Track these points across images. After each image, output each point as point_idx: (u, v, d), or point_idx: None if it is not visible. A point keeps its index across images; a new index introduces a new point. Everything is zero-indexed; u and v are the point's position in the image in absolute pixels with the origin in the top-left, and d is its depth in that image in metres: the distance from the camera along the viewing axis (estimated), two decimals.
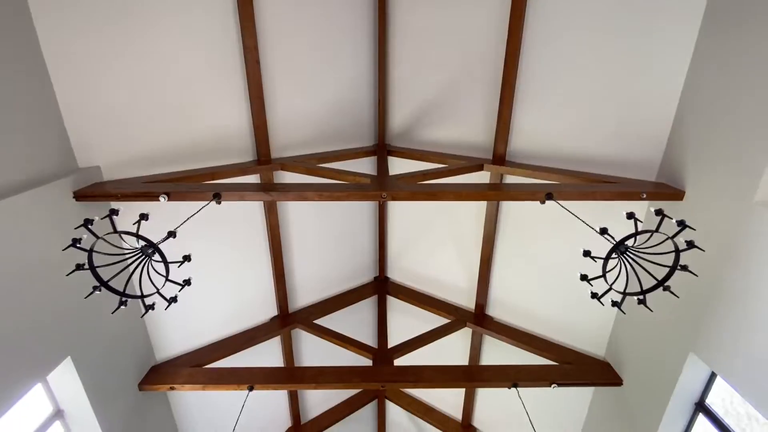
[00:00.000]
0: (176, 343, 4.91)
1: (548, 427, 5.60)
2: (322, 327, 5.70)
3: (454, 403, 6.77)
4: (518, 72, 4.37)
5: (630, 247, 2.30)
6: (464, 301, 6.03)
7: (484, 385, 4.61)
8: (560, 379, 4.50)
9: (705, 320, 3.38)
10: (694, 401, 3.80)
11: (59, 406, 3.74)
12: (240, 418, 5.72)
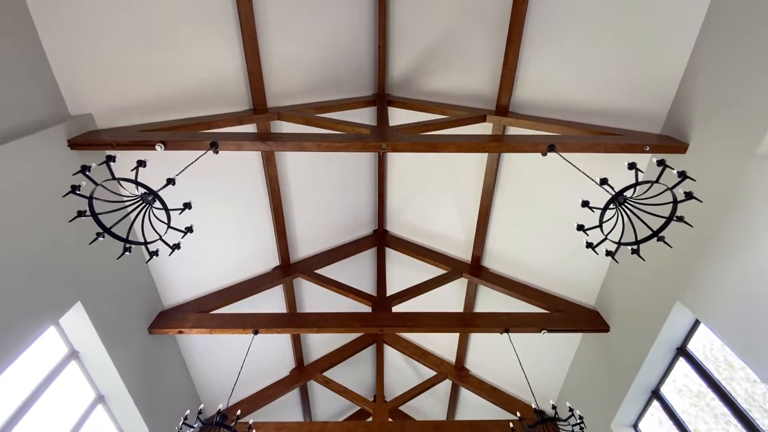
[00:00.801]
0: (182, 290, 5.08)
1: (536, 370, 5.98)
2: (322, 276, 5.87)
3: (448, 348, 7.16)
4: (526, 16, 4.13)
5: (628, 198, 2.31)
6: (461, 253, 6.17)
7: (477, 330, 4.83)
8: (550, 326, 4.72)
9: (694, 271, 3.49)
10: (676, 346, 4.03)
11: (74, 348, 3.95)
12: (246, 360, 6.08)
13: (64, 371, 3.82)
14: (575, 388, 5.56)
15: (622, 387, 4.48)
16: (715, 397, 3.82)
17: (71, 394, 4.02)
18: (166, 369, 5.08)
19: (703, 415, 4.20)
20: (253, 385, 6.58)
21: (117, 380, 4.15)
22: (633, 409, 4.59)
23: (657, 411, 4.58)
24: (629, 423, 4.71)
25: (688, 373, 4.23)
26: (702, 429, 4.04)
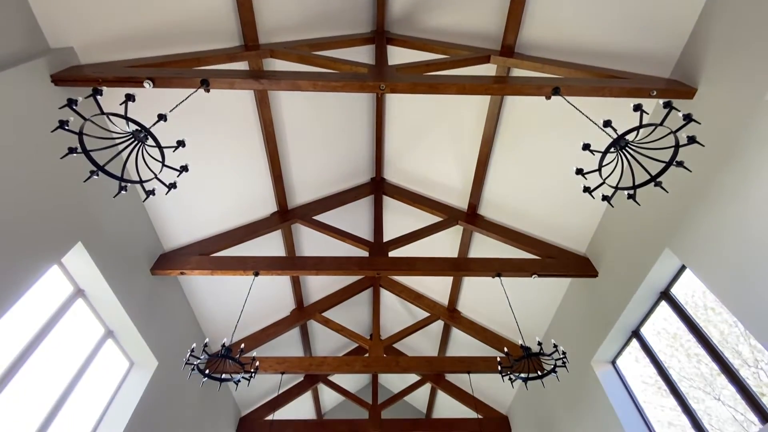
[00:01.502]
0: (181, 233, 5.14)
1: (524, 312, 6.29)
2: (320, 222, 5.94)
3: (442, 291, 7.46)
4: None
5: (630, 142, 2.28)
6: (457, 201, 6.20)
7: (470, 274, 5.00)
8: (541, 271, 4.89)
9: (685, 219, 3.55)
10: (660, 290, 4.21)
11: (79, 287, 4.07)
12: (248, 303, 6.32)
13: (72, 308, 3.98)
14: (560, 328, 5.89)
15: (605, 327, 4.75)
16: (690, 339, 4.07)
17: (82, 330, 4.22)
18: (171, 308, 5.29)
19: (678, 355, 4.50)
20: (255, 324, 6.91)
21: (124, 317, 4.34)
22: (613, 348, 4.90)
23: (634, 350, 4.90)
24: (608, 359, 5.06)
25: (668, 317, 4.47)
26: (675, 366, 4.35)
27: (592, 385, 5.02)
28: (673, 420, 4.43)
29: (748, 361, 3.63)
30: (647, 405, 4.59)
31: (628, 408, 4.61)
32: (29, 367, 3.45)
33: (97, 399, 4.43)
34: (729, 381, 3.50)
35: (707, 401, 4.08)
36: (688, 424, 4.00)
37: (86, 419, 4.24)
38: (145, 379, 4.76)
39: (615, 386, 4.82)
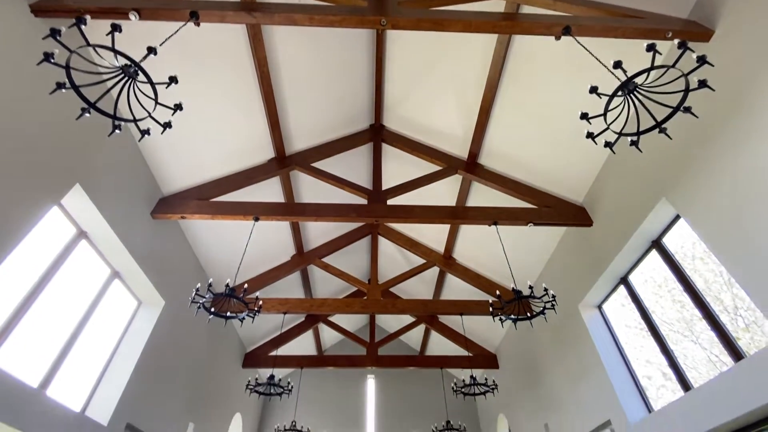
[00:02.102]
0: (179, 178, 5.12)
1: (518, 259, 6.48)
2: (319, 169, 5.89)
3: (438, 240, 7.61)
4: None
5: (639, 86, 2.20)
6: (458, 150, 6.11)
7: (467, 222, 5.08)
8: (537, 220, 4.96)
9: (684, 168, 3.53)
10: (652, 239, 4.31)
11: (81, 228, 4.13)
12: (250, 248, 6.45)
13: (77, 249, 4.07)
14: (551, 274, 6.10)
15: (594, 274, 4.93)
16: (676, 286, 4.25)
17: (89, 271, 4.34)
18: (174, 251, 5.41)
19: (662, 301, 4.71)
20: (257, 268, 7.12)
21: (128, 258, 4.45)
22: (600, 293, 5.12)
23: (621, 297, 5.13)
24: (595, 304, 5.31)
25: (656, 266, 4.63)
26: (658, 312, 4.58)
27: (577, 327, 5.31)
28: (650, 359, 4.75)
29: (728, 308, 3.81)
30: (627, 346, 4.90)
31: (609, 348, 4.91)
32: (41, 304, 3.60)
33: (109, 336, 4.68)
34: (708, 325, 3.71)
35: (685, 343, 4.34)
36: (665, 363, 4.29)
37: (100, 355, 4.52)
38: (154, 317, 5.00)
39: (599, 328, 5.11)
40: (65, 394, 3.83)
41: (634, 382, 4.61)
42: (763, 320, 3.45)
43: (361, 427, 10.22)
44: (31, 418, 3.24)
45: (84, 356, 4.19)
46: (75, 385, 4.08)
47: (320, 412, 10.26)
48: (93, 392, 4.29)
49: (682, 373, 4.04)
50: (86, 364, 4.28)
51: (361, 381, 11.04)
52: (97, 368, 4.44)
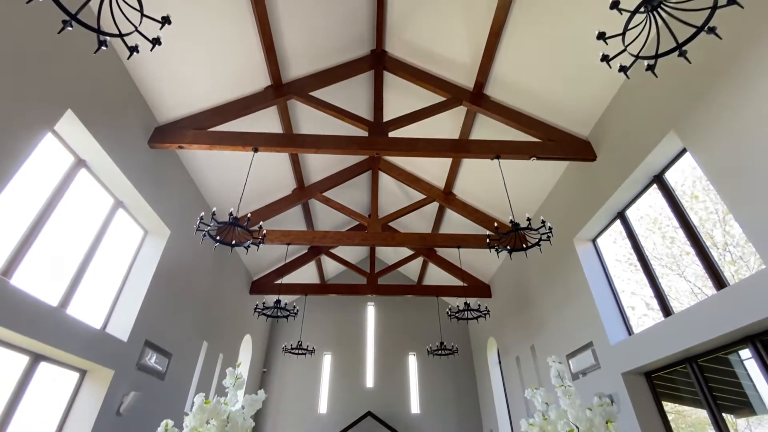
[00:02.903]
0: (173, 106, 4.94)
1: (518, 194, 6.51)
2: (317, 99, 5.67)
3: (439, 175, 7.58)
4: None
5: (663, 1, 2.03)
6: (464, 79, 5.82)
7: (470, 156, 5.01)
8: (540, 154, 4.89)
9: (697, 99, 3.40)
10: (654, 174, 4.29)
11: (79, 157, 4.08)
12: (250, 181, 6.44)
13: (78, 178, 4.06)
14: (550, 208, 6.18)
15: (592, 208, 4.99)
16: (670, 223, 4.34)
17: (92, 201, 4.38)
18: (175, 181, 5.42)
19: (654, 237, 4.84)
20: (259, 201, 7.18)
21: (130, 188, 4.47)
22: (596, 227, 5.23)
23: (615, 232, 5.25)
24: (589, 238, 5.45)
25: (653, 204, 4.68)
26: (649, 247, 4.72)
27: (570, 259, 5.51)
28: (636, 291, 5.01)
29: (717, 245, 3.93)
30: (616, 279, 5.13)
31: (599, 278, 5.15)
32: (51, 230, 3.69)
33: (120, 263, 4.86)
34: (698, 257, 3.84)
35: (671, 276, 4.55)
36: (650, 295, 4.53)
37: (113, 280, 4.74)
38: (160, 246, 5.16)
39: (591, 261, 5.30)
40: (84, 314, 4.08)
41: (619, 310, 4.90)
42: (749, 256, 3.58)
43: (362, 348, 11.10)
44: (55, 333, 3.49)
45: (98, 280, 4.40)
46: (93, 306, 4.34)
47: (324, 335, 11.07)
48: (110, 313, 4.57)
49: (665, 301, 4.28)
50: (101, 287, 4.51)
51: (361, 308, 11.75)
52: (112, 292, 4.69)
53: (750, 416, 3.53)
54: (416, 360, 10.93)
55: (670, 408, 4.27)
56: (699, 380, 3.77)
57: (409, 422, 9.95)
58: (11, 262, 3.28)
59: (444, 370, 10.68)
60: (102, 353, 4.06)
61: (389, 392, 10.35)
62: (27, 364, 3.52)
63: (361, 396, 10.26)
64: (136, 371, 4.61)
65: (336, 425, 9.70)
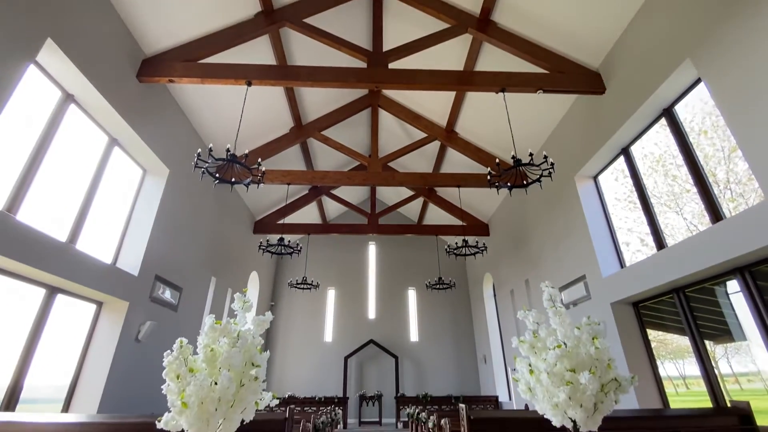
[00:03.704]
0: (160, 36, 4.63)
1: (522, 129, 6.34)
2: (312, 26, 5.29)
3: (441, 112, 7.34)
4: None
5: None
6: (469, 3, 5.37)
7: (474, 89, 4.80)
8: (548, 86, 4.68)
9: (716, 26, 3.17)
10: (664, 107, 4.14)
11: (66, 91, 3.91)
12: (246, 119, 6.24)
13: (69, 114, 3.94)
14: (553, 145, 6.06)
15: (597, 144, 4.89)
16: (674, 161, 4.28)
17: (87, 139, 4.29)
18: (169, 118, 5.26)
19: (656, 176, 4.80)
20: (256, 140, 7.03)
21: (123, 124, 4.35)
22: (598, 164, 5.17)
23: (617, 171, 5.19)
24: (591, 175, 5.41)
25: (658, 141, 4.57)
26: (650, 185, 4.70)
27: (570, 196, 5.53)
28: (633, 228, 5.09)
29: (720, 182, 3.92)
30: (613, 216, 5.18)
31: (597, 214, 5.20)
32: (50, 167, 3.66)
33: (123, 202, 4.89)
34: (699, 194, 3.84)
35: (669, 214, 4.59)
36: (645, 232, 4.61)
37: (118, 218, 4.79)
38: (161, 185, 5.15)
39: (591, 198, 5.31)
40: (94, 250, 4.20)
41: (614, 245, 5.02)
42: (750, 193, 3.57)
43: (364, 283, 11.60)
44: (67, 267, 3.62)
45: (103, 218, 4.46)
46: (101, 243, 4.44)
47: (327, 272, 11.52)
48: (119, 249, 4.70)
49: (660, 237, 4.36)
50: (107, 225, 4.58)
51: (363, 247, 12.08)
52: (118, 230, 4.78)
53: (729, 343, 3.78)
54: (415, 294, 11.49)
55: (653, 336, 4.55)
56: (684, 309, 3.97)
57: (409, 349, 10.72)
58: (14, 198, 3.30)
59: (441, 303, 11.27)
60: (115, 286, 4.24)
61: (390, 323, 11.02)
62: (44, 297, 3.70)
63: (363, 326, 10.94)
64: (150, 303, 4.85)
65: (341, 351, 10.47)
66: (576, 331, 1.78)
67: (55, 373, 3.90)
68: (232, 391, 1.61)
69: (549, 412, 1.72)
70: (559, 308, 1.81)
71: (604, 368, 1.70)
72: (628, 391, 1.70)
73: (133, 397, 4.42)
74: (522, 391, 1.85)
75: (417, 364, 10.57)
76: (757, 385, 3.56)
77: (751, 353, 3.51)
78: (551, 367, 1.71)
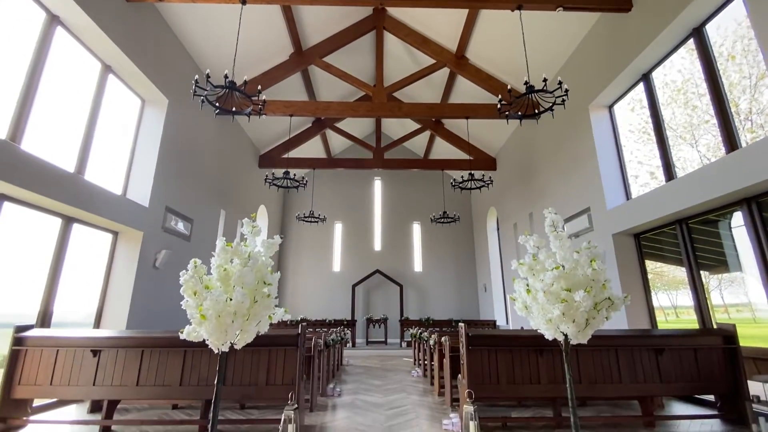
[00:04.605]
0: None
1: (537, 54, 5.91)
2: None
3: (450, 36, 6.82)
4: None
5: None
6: None
7: (488, 6, 4.40)
8: (569, 2, 4.28)
9: None
10: (694, 26, 3.80)
11: (51, 11, 3.66)
12: (243, 44, 5.86)
13: (57, 38, 3.72)
14: (569, 72, 5.71)
15: (616, 69, 4.59)
16: (695, 90, 4.04)
17: (79, 66, 4.11)
18: (161, 43, 4.97)
19: (674, 106, 4.57)
20: (255, 69, 6.70)
21: (114, 49, 4.13)
22: (616, 92, 4.90)
23: (633, 100, 4.94)
24: (606, 104, 5.17)
25: (681, 69, 4.28)
26: (667, 116, 4.49)
27: (582, 127, 5.34)
28: (643, 161, 4.98)
29: (741, 113, 3.73)
30: (625, 149, 5.03)
31: (608, 145, 5.06)
32: (45, 100, 3.56)
33: (125, 135, 4.83)
34: (718, 123, 3.68)
35: (682, 146, 4.46)
36: (657, 165, 4.51)
37: (121, 153, 4.77)
38: (161, 116, 5.04)
39: (604, 128, 5.13)
40: (102, 181, 4.24)
41: (622, 177, 4.96)
42: None
43: (370, 218, 11.83)
44: (78, 197, 3.70)
45: (108, 150, 4.45)
46: (108, 174, 4.48)
47: (334, 206, 11.69)
48: (127, 181, 4.76)
49: (672, 169, 4.28)
50: (112, 157, 4.58)
51: (368, 182, 12.10)
52: (124, 162, 4.78)
53: (724, 273, 3.89)
54: (420, 227, 11.75)
55: (650, 268, 4.69)
56: (685, 240, 4.03)
57: (413, 278, 11.26)
58: (15, 127, 3.27)
59: (445, 236, 11.57)
60: (127, 217, 4.37)
61: (395, 254, 11.44)
62: (61, 226, 3.84)
63: (370, 257, 11.38)
64: (163, 233, 5.03)
65: (348, 280, 11.03)
66: (575, 255, 1.84)
67: (82, 300, 4.19)
68: (247, 306, 1.74)
69: (542, 326, 1.84)
70: (561, 233, 1.85)
71: (599, 288, 1.78)
72: (620, 308, 1.80)
73: (155, 320, 4.78)
74: (518, 308, 1.96)
75: (420, 292, 11.16)
76: (745, 314, 3.73)
77: (745, 285, 3.63)
78: (548, 287, 1.80)
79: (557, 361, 3.02)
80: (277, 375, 2.94)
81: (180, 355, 2.94)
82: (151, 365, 2.94)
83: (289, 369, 2.96)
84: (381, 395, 4.05)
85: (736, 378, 3.07)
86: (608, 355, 3.07)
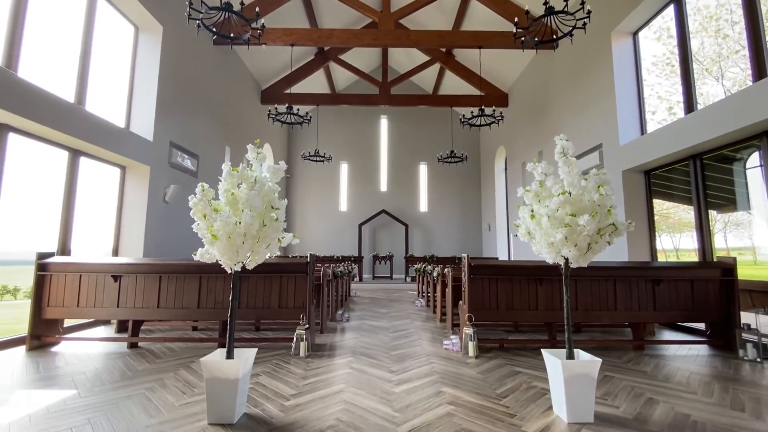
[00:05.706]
0: None
1: None
2: None
3: None
4: None
5: None
6: None
7: None
8: None
9: None
10: None
11: None
12: None
13: None
14: None
15: None
16: (729, 17, 3.68)
17: None
18: None
19: (705, 35, 4.22)
20: None
21: None
22: (643, 16, 4.52)
23: (660, 29, 4.55)
24: (630, 30, 4.79)
25: None
26: (695, 47, 4.16)
27: (602, 58, 5.01)
28: (663, 95, 4.73)
29: None
30: (646, 83, 4.75)
31: (628, 77, 4.78)
32: (35, 26, 3.37)
33: (121, 65, 4.63)
34: (749, 55, 3.42)
35: (707, 79, 4.20)
36: (677, 100, 4.28)
37: (119, 84, 4.61)
38: (156, 44, 4.79)
39: (625, 58, 4.81)
40: (104, 112, 4.16)
41: (639, 111, 4.75)
42: None
43: (376, 157, 11.69)
44: (81, 128, 3.66)
45: (105, 80, 4.30)
46: (109, 106, 4.38)
47: (339, 146, 11.51)
48: (129, 113, 4.67)
49: (693, 104, 4.07)
50: (111, 88, 4.45)
51: (374, 120, 11.76)
52: (123, 93, 4.65)
53: (732, 212, 3.85)
54: (427, 168, 11.63)
55: (656, 210, 4.65)
56: (697, 177, 3.95)
57: (418, 218, 11.40)
58: (9, 54, 3.14)
59: (452, 176, 11.48)
60: (133, 150, 4.35)
61: (401, 194, 11.48)
62: (68, 159, 3.85)
63: (376, 197, 11.45)
64: (170, 168, 5.04)
65: (355, 219, 11.21)
66: (583, 182, 1.82)
67: (97, 235, 4.33)
68: (256, 228, 1.78)
69: (544, 250, 1.88)
70: (570, 158, 1.81)
71: (604, 214, 1.78)
72: (623, 234, 1.81)
73: (170, 253, 4.96)
74: (521, 235, 1.99)
75: (425, 231, 11.36)
76: (747, 257, 3.75)
77: (750, 228, 3.61)
78: (553, 212, 1.81)
79: (556, 289, 3.14)
80: (288, 299, 3.11)
81: (196, 281, 3.10)
82: (169, 289, 3.11)
83: (300, 294, 3.12)
84: (386, 321, 4.31)
85: (729, 308, 3.19)
86: (606, 286, 3.18)
